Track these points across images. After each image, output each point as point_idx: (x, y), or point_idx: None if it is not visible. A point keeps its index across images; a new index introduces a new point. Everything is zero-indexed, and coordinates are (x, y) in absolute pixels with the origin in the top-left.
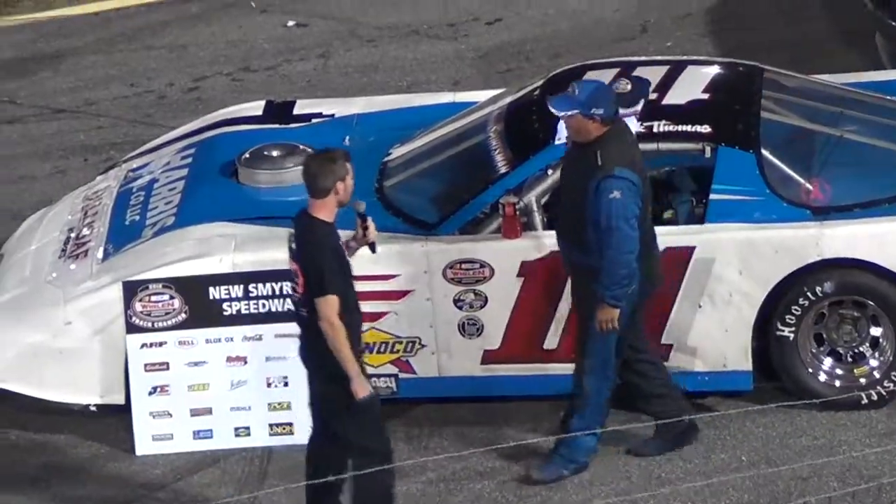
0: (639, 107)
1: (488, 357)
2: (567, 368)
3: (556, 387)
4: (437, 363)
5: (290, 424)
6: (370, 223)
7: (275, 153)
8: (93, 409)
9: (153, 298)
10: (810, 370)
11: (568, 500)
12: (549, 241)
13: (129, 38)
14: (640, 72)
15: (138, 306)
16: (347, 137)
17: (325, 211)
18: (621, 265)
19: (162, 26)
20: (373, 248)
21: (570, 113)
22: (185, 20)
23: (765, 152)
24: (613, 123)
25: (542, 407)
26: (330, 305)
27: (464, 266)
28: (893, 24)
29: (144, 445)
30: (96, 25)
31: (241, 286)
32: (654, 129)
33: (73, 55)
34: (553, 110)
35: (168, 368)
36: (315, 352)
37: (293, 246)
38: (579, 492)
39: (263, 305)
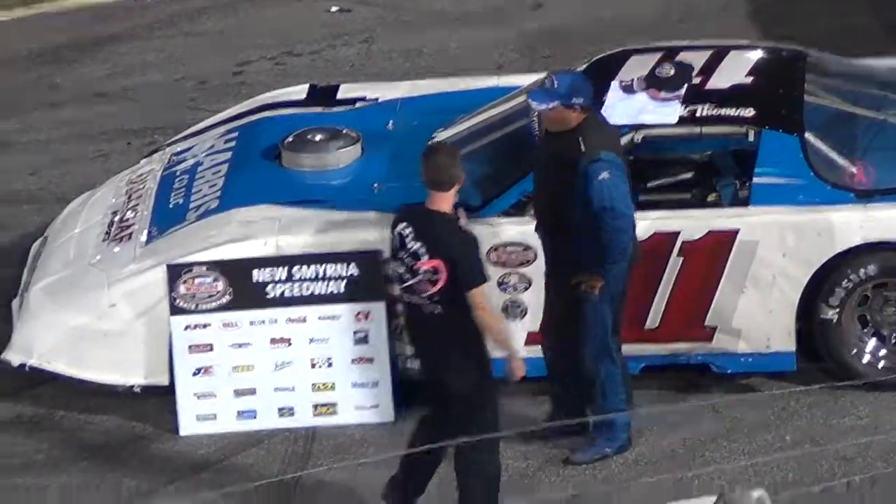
0: (682, 91)
1: (532, 339)
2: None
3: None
4: None
5: (334, 405)
6: (461, 213)
7: (318, 137)
8: (137, 390)
9: (197, 281)
10: (854, 352)
11: (612, 479)
12: None
13: (169, 24)
14: (683, 57)
15: (182, 289)
16: (391, 122)
17: (448, 203)
18: (620, 242)
19: (200, 12)
20: None
21: (550, 105)
22: (227, 6)
23: (808, 135)
24: (590, 111)
25: None
26: (484, 294)
27: (508, 249)
28: None
29: (188, 426)
30: (135, 11)
31: (285, 269)
32: (698, 114)
33: (113, 41)
34: (533, 104)
35: (212, 350)
36: (447, 344)
37: (416, 244)
38: (624, 471)
39: (307, 288)
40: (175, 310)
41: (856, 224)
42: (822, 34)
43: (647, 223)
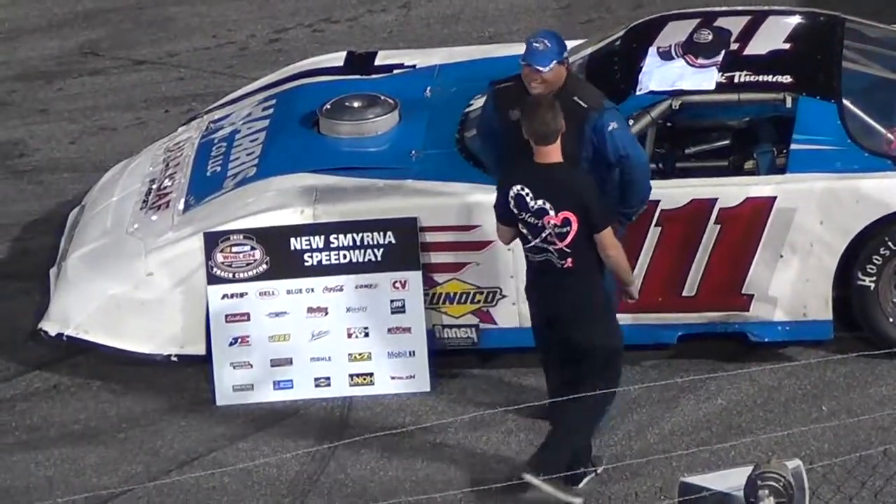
0: (720, 57)
1: None
2: (649, 318)
3: (635, 337)
4: (518, 313)
5: (370, 375)
6: None
7: (356, 104)
8: (174, 359)
9: (234, 249)
10: (891, 319)
11: (648, 450)
12: None
13: None
14: (721, 22)
15: (219, 257)
16: (429, 88)
17: (558, 153)
18: (642, 189)
19: None
20: None
21: (552, 65)
22: None
23: (846, 102)
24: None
25: None
26: (612, 232)
27: None
28: None
29: (225, 396)
30: None
31: (322, 237)
32: (735, 80)
33: (154, 6)
34: (541, 68)
35: (249, 319)
36: (580, 297)
37: (538, 202)
38: (660, 442)
39: (344, 256)
40: (212, 278)
41: (893, 191)
42: None
43: (684, 190)
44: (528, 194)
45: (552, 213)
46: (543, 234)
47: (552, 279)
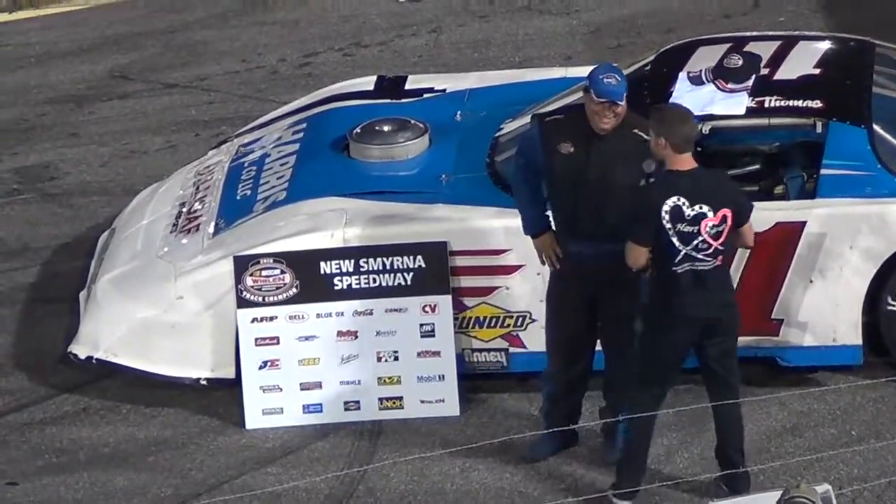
0: (750, 82)
1: None
2: None
3: None
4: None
5: (400, 398)
6: None
7: (386, 128)
8: (203, 383)
9: (264, 273)
10: None
11: (678, 474)
12: None
13: (241, 14)
14: (751, 47)
15: (249, 281)
16: (459, 113)
17: (692, 159)
18: None
19: (274, 2)
20: None
21: (624, 100)
22: None
23: (876, 127)
24: None
25: None
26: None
27: None
28: None
29: (254, 419)
30: (207, 1)
31: (352, 261)
32: (766, 105)
33: (184, 30)
34: (620, 103)
35: (278, 343)
36: (727, 293)
37: (695, 208)
38: (689, 466)
39: (374, 280)
40: (242, 302)
41: None
42: (893, 19)
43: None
44: (684, 203)
45: (711, 214)
46: (696, 241)
47: (703, 283)
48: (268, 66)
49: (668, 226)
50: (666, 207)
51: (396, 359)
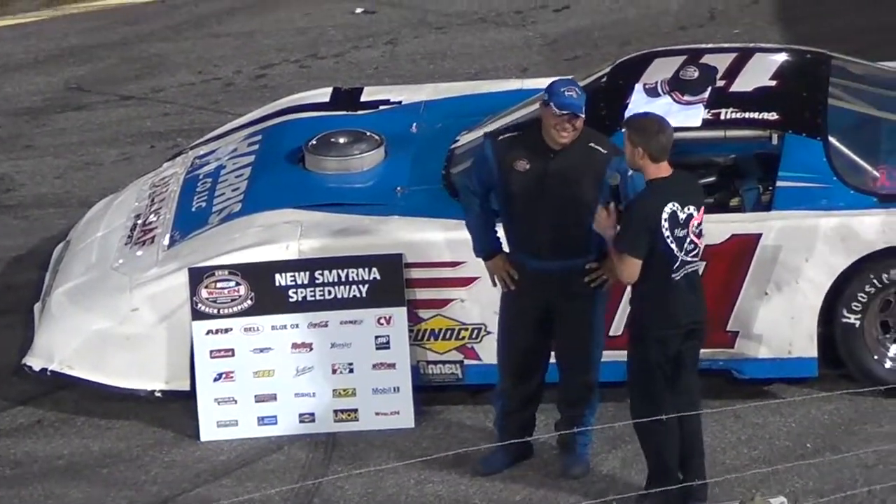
0: (706, 94)
1: None
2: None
3: (622, 374)
4: None
5: (355, 411)
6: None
7: (342, 140)
8: (158, 395)
9: (219, 285)
10: (876, 357)
11: (632, 487)
12: None
13: (196, 25)
14: (707, 59)
15: (204, 293)
16: (415, 124)
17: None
18: None
19: (229, 14)
20: None
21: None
22: (252, 7)
23: (832, 139)
24: None
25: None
26: None
27: None
28: None
29: (209, 432)
30: (163, 13)
31: (307, 273)
32: (722, 117)
33: (139, 42)
34: (581, 115)
35: (233, 355)
36: (703, 293)
37: (686, 210)
38: (644, 479)
39: (329, 292)
40: (197, 314)
41: (879, 229)
42: (849, 30)
43: None
44: (678, 208)
45: (696, 213)
46: (686, 244)
47: (693, 286)
48: (223, 78)
49: (667, 233)
50: (665, 215)
51: (351, 371)
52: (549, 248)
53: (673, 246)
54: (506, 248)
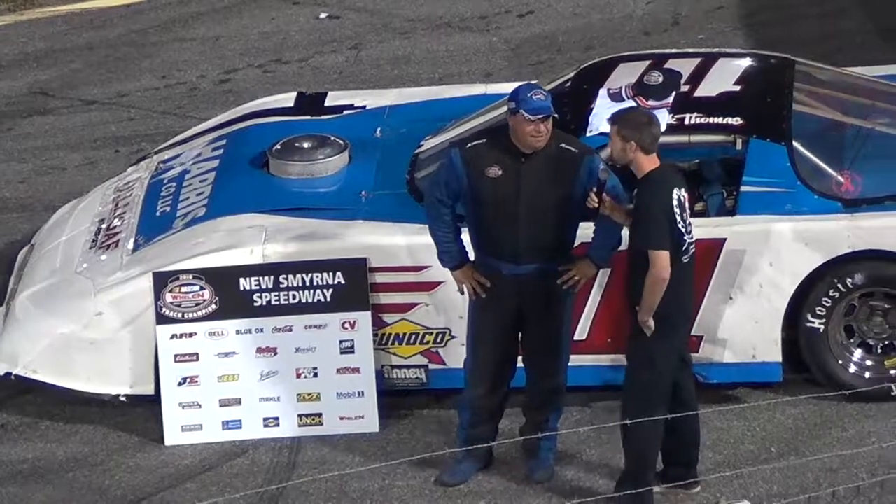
0: (670, 99)
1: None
2: (597, 359)
3: (586, 378)
4: None
5: (319, 415)
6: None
7: (306, 145)
8: (122, 399)
9: (183, 289)
10: (840, 361)
11: (597, 491)
12: (578, 232)
13: (161, 30)
14: (671, 64)
15: (168, 297)
16: (379, 129)
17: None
18: (619, 228)
19: (194, 18)
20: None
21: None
22: (217, 12)
23: (796, 144)
24: None
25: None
26: None
27: None
28: None
29: (173, 436)
30: (128, 17)
31: (272, 277)
32: (686, 122)
33: (104, 47)
34: (551, 114)
35: (198, 359)
36: None
37: (683, 193)
38: (609, 483)
39: (293, 296)
40: (161, 318)
41: (843, 233)
42: (812, 36)
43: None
44: (680, 192)
45: (686, 193)
46: (688, 224)
47: (691, 271)
48: (188, 83)
49: (679, 219)
50: (675, 202)
51: (316, 375)
52: (527, 251)
53: (683, 230)
54: (471, 256)
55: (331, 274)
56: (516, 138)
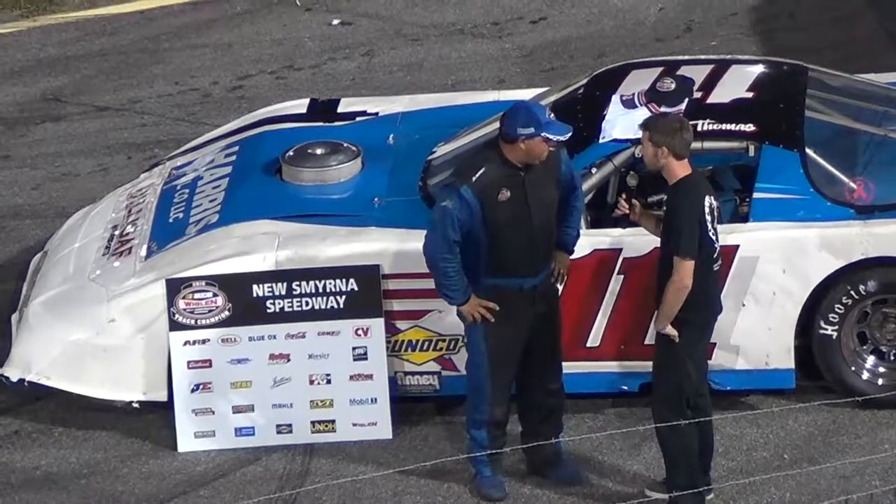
0: (683, 106)
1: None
2: (612, 366)
3: (598, 385)
4: None
5: (332, 422)
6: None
7: (319, 151)
8: (135, 405)
9: (196, 296)
10: (853, 368)
11: (610, 497)
12: (590, 239)
13: (174, 37)
14: (684, 71)
15: (181, 304)
16: (392, 136)
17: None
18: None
19: (207, 25)
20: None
21: None
22: (230, 19)
23: (809, 151)
24: None
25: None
26: None
27: None
28: None
29: (186, 442)
30: (141, 24)
31: (285, 284)
32: (699, 128)
33: (117, 53)
34: (564, 138)
35: (211, 366)
36: None
37: (714, 201)
38: (622, 489)
39: (307, 303)
40: (174, 325)
41: (856, 240)
42: (825, 42)
43: (646, 238)
44: (711, 200)
45: (716, 202)
46: (717, 232)
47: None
48: (201, 89)
49: (710, 226)
50: (706, 209)
51: (329, 382)
52: (542, 259)
53: (713, 237)
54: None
55: (344, 280)
56: (520, 157)
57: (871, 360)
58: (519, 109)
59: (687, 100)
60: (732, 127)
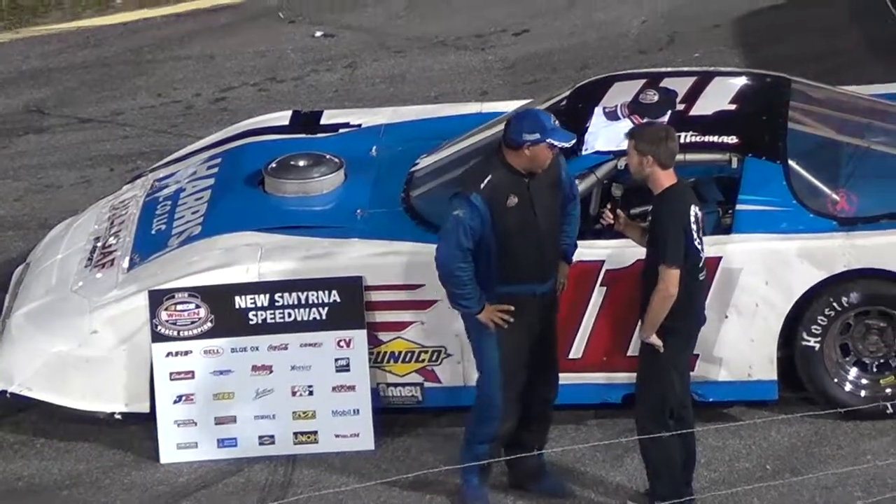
0: (666, 118)
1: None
2: (594, 377)
3: (580, 396)
4: (462, 372)
5: (315, 433)
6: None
7: (301, 163)
8: (118, 417)
9: (179, 307)
10: (835, 380)
11: None
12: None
13: (157, 49)
14: (667, 83)
15: (164, 315)
16: (374, 147)
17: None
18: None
19: (189, 37)
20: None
21: None
22: (213, 31)
23: (791, 163)
24: None
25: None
26: None
27: None
28: None
29: (169, 454)
30: (124, 35)
31: (267, 295)
32: (682, 140)
33: (100, 65)
34: (569, 145)
35: (193, 377)
36: None
37: (699, 210)
38: (604, 501)
39: (289, 315)
40: (156, 336)
41: (838, 252)
42: (807, 54)
43: (629, 251)
44: (696, 209)
45: (701, 212)
46: (702, 242)
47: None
48: (183, 101)
49: (695, 235)
50: (692, 219)
51: (311, 393)
52: (550, 265)
53: (699, 247)
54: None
55: (326, 292)
56: (524, 163)
57: (853, 371)
58: (525, 115)
59: (670, 112)
60: (715, 139)
